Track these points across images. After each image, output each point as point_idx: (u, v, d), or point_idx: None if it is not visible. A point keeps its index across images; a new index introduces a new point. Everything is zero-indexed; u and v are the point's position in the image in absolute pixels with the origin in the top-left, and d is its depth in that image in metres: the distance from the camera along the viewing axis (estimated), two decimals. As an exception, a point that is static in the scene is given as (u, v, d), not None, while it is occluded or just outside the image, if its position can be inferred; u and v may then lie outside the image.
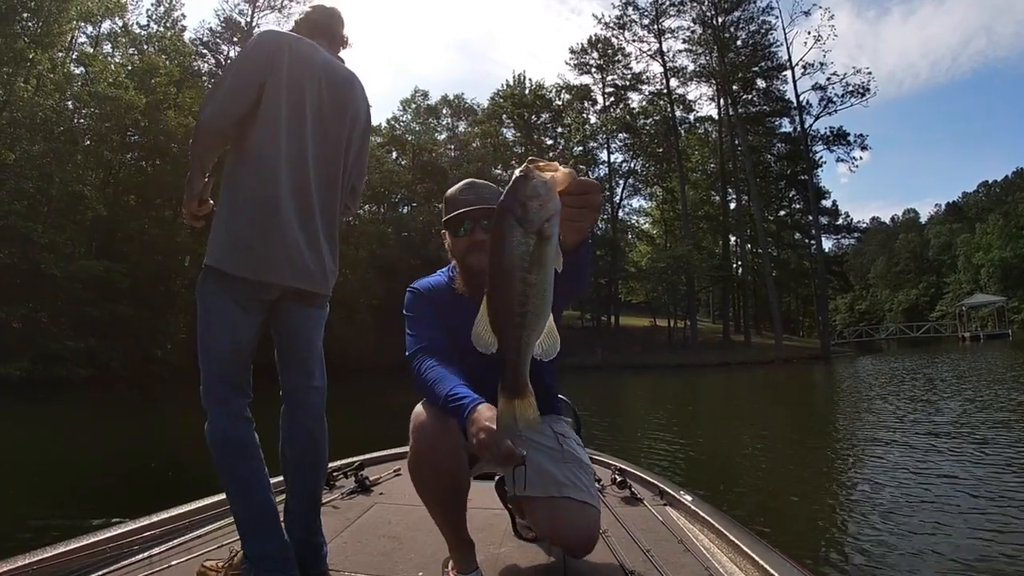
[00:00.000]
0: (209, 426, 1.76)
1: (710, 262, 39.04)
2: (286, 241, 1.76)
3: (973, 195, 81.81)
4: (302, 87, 1.81)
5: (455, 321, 1.67)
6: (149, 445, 8.81)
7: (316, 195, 1.84)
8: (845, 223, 50.43)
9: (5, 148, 20.62)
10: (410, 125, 42.64)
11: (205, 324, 1.79)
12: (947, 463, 5.99)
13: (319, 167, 1.85)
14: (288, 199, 1.77)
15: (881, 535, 3.99)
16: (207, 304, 1.79)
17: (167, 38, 30.52)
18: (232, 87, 1.77)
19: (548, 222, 1.02)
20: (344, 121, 1.93)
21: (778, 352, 35.30)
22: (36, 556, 1.77)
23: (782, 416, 11.55)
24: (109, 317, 21.56)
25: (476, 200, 1.76)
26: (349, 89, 1.96)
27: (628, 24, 41.79)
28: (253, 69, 1.77)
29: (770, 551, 1.81)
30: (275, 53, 1.78)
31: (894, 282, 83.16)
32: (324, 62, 1.90)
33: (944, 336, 49.77)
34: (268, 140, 1.76)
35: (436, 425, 1.58)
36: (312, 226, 1.83)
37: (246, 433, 1.78)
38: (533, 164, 1.04)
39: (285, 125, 1.78)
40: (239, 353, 1.80)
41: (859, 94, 38.44)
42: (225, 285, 1.76)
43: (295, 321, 1.90)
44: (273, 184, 1.75)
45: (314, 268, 1.84)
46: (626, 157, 43.84)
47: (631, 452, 7.41)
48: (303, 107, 1.82)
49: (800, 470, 6.42)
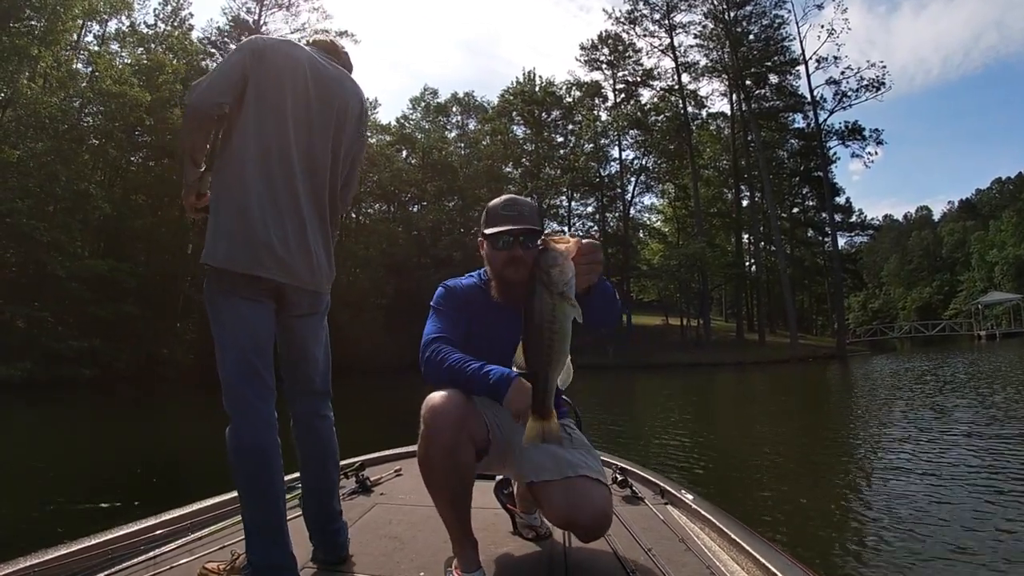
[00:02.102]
0: (230, 431, 1.72)
1: (723, 260, 38.54)
2: (268, 236, 1.75)
3: (986, 192, 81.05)
4: (283, 82, 1.83)
5: (483, 324, 1.88)
6: (150, 447, 8.70)
7: (302, 188, 1.84)
8: (859, 220, 49.92)
9: (8, 146, 20.43)
10: (420, 123, 42.42)
11: (218, 325, 1.79)
12: (966, 468, 5.71)
13: (304, 161, 1.86)
14: (269, 193, 1.78)
15: (887, 537, 3.93)
16: (215, 305, 1.79)
17: (174, 37, 30.39)
18: (217, 74, 1.80)
19: (566, 284, 1.44)
20: (331, 113, 1.93)
21: (793, 351, 34.77)
22: (37, 558, 1.76)
23: (799, 417, 11.29)
24: (114, 317, 21.39)
25: (518, 219, 1.86)
26: (337, 84, 1.97)
27: (639, 19, 41.34)
28: (237, 60, 1.80)
29: (772, 550, 1.81)
30: (260, 49, 1.83)
31: (907, 280, 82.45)
32: (309, 58, 1.92)
33: (959, 335, 49.07)
34: (250, 134, 1.78)
35: (448, 409, 1.64)
36: (298, 220, 1.82)
37: (267, 440, 1.73)
38: (551, 238, 1.49)
39: (269, 118, 1.80)
40: (257, 345, 1.78)
41: (874, 88, 37.85)
42: (226, 283, 1.76)
43: (288, 321, 1.91)
44: (254, 179, 1.76)
45: (300, 264, 1.82)
46: (637, 154, 43.34)
47: (644, 453, 7.40)
48: (285, 101, 1.83)
49: (812, 471, 6.29)
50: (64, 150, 21.62)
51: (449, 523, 1.73)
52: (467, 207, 36.01)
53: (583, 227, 43.30)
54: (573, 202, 42.70)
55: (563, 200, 42.61)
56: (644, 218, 46.10)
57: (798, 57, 39.46)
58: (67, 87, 23.17)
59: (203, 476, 5.31)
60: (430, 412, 1.66)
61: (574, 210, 42.91)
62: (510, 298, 1.84)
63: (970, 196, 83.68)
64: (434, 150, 38.55)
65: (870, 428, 8.80)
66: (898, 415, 9.59)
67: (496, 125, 42.08)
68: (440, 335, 1.81)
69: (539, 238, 1.72)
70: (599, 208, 42.39)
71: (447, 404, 1.65)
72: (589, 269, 1.57)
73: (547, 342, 1.45)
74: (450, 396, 1.66)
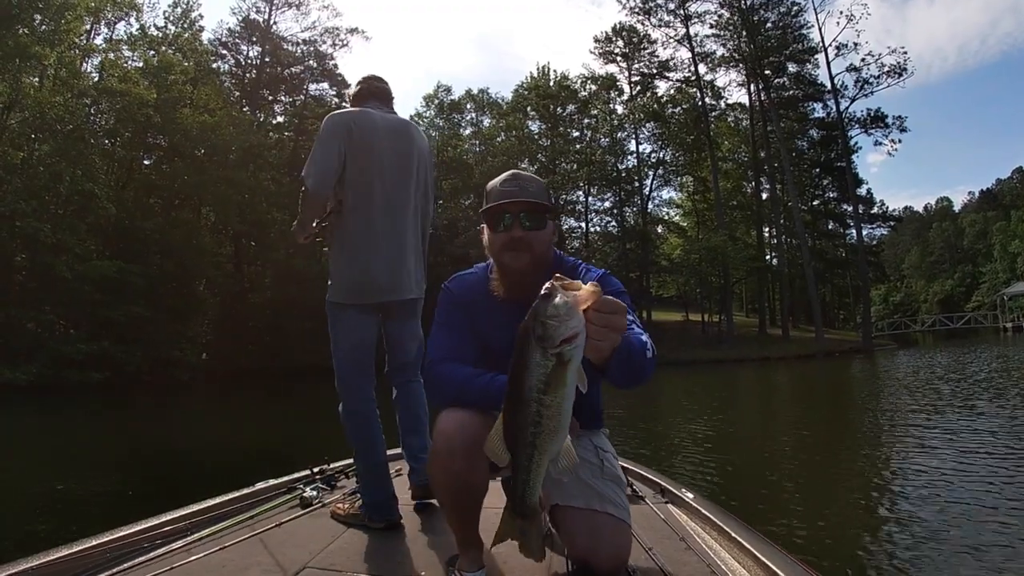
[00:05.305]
0: (343, 407, 2.40)
1: (745, 253, 37.76)
2: (373, 271, 2.36)
3: (1007, 181, 79.51)
4: (372, 147, 2.37)
5: (489, 324, 1.70)
6: (158, 449, 8.68)
7: (399, 223, 2.42)
8: (880, 212, 48.95)
9: (13, 147, 20.15)
10: (434, 121, 41.93)
11: (335, 329, 2.40)
12: (990, 473, 5.37)
13: (399, 204, 2.42)
14: (372, 235, 2.35)
15: (890, 539, 3.91)
16: (335, 318, 2.40)
17: (183, 38, 30.17)
18: (322, 161, 2.30)
19: (568, 343, 1.05)
20: (411, 162, 2.49)
21: (819, 345, 33.98)
22: (36, 560, 1.76)
23: (826, 415, 11.00)
24: (125, 319, 21.06)
25: (519, 192, 1.66)
26: (407, 135, 2.51)
27: (654, 9, 40.52)
28: (336, 146, 2.32)
29: (773, 548, 1.79)
30: (349, 126, 2.35)
31: (929, 272, 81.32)
32: (383, 120, 2.45)
33: (984, 327, 48.22)
34: (350, 191, 2.35)
35: (458, 435, 1.55)
36: (400, 250, 2.41)
37: (366, 408, 2.40)
38: (559, 282, 1.10)
39: (364, 175, 2.36)
40: (363, 345, 2.42)
41: (896, 74, 36.94)
42: (340, 305, 2.39)
43: (390, 326, 2.55)
44: (361, 226, 2.35)
45: (402, 283, 2.43)
46: (655, 147, 42.45)
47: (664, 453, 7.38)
48: (374, 159, 2.37)
49: (824, 471, 6.20)
50: (70, 150, 21.30)
51: (455, 529, 1.69)
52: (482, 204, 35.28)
53: (601, 223, 42.69)
54: (590, 197, 41.86)
55: (580, 195, 41.81)
56: (663, 212, 45.32)
57: (817, 45, 38.71)
58: (72, 87, 22.84)
59: (206, 477, 5.67)
60: (440, 437, 1.58)
61: (591, 205, 42.11)
62: (512, 290, 1.66)
63: (991, 186, 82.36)
64: (448, 147, 38.20)
65: (893, 427, 8.43)
66: (923, 413, 9.14)
67: (511, 120, 41.53)
68: (441, 356, 1.67)
69: (546, 217, 1.67)
70: (617, 203, 41.54)
71: (457, 430, 1.55)
72: (602, 334, 1.13)
73: (534, 420, 1.09)
74: (462, 420, 1.55)
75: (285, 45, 36.89)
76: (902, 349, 34.79)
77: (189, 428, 12.09)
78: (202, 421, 13.66)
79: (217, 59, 34.67)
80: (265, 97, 37.02)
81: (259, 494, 2.67)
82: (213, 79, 31.53)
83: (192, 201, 28.13)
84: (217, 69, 33.95)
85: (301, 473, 2.98)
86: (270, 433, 10.35)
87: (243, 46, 36.19)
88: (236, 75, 36.12)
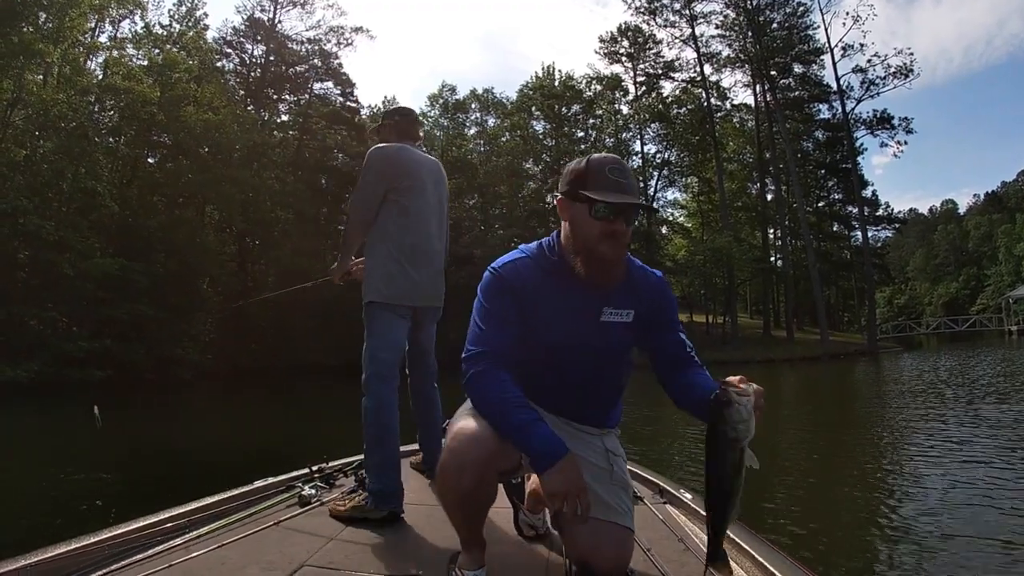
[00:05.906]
0: (368, 398, 2.54)
1: (750, 254, 37.65)
2: (419, 277, 2.67)
3: (1012, 184, 78.90)
4: (420, 175, 2.73)
5: (544, 311, 1.66)
6: (160, 448, 8.68)
7: (436, 242, 2.79)
8: (885, 214, 48.74)
9: (16, 144, 20.12)
10: (438, 120, 41.85)
11: (370, 328, 2.62)
12: (994, 481, 5.25)
13: (436, 224, 2.80)
14: (426, 246, 2.72)
15: (890, 541, 3.89)
16: (372, 317, 2.62)
17: (188, 37, 30.16)
18: (369, 193, 2.65)
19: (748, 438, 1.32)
20: (443, 191, 2.90)
21: (825, 347, 33.83)
22: (35, 557, 1.76)
23: (832, 417, 10.97)
24: (128, 317, 21.00)
25: (628, 190, 1.61)
26: (437, 168, 2.90)
27: (659, 9, 40.44)
28: (378, 179, 2.65)
29: (771, 549, 1.80)
30: (391, 159, 2.68)
31: (933, 275, 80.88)
32: (422, 157, 2.82)
33: (988, 330, 47.97)
34: (415, 209, 2.67)
35: (472, 451, 1.54)
36: (435, 263, 2.78)
37: (389, 400, 2.54)
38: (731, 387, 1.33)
39: (422, 201, 2.71)
40: (395, 345, 2.66)
41: (902, 75, 36.80)
42: (384, 305, 2.61)
43: (417, 334, 2.85)
44: (424, 238, 2.71)
45: (439, 293, 2.82)
46: (660, 148, 42.41)
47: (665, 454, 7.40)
48: (425, 189, 2.74)
49: (825, 473, 6.20)
50: (73, 148, 21.27)
51: (459, 530, 1.70)
52: (487, 204, 35.51)
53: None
54: (595, 197, 41.78)
55: (584, 196, 41.75)
56: (668, 213, 45.27)
57: (823, 46, 38.58)
58: (75, 84, 22.84)
59: (206, 476, 5.56)
60: (451, 454, 1.57)
61: (595, 206, 42.03)
62: (596, 275, 1.63)
63: (996, 188, 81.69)
64: (453, 147, 38.16)
65: (895, 430, 8.41)
66: (926, 417, 9.09)
67: (515, 120, 41.43)
68: (483, 350, 1.61)
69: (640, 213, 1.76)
70: (621, 204, 41.47)
71: (470, 447, 1.54)
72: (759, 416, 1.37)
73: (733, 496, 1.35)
74: (476, 436, 1.55)
75: (290, 44, 36.86)
76: (906, 352, 34.75)
77: (190, 426, 12.06)
78: (203, 419, 13.62)
79: (222, 58, 34.66)
80: (269, 96, 36.97)
81: (258, 492, 2.68)
82: (217, 77, 31.50)
83: (196, 199, 28.05)
84: (222, 68, 33.93)
85: (300, 471, 2.99)
86: (271, 432, 10.28)
87: (248, 45, 36.19)
88: (240, 74, 36.08)
